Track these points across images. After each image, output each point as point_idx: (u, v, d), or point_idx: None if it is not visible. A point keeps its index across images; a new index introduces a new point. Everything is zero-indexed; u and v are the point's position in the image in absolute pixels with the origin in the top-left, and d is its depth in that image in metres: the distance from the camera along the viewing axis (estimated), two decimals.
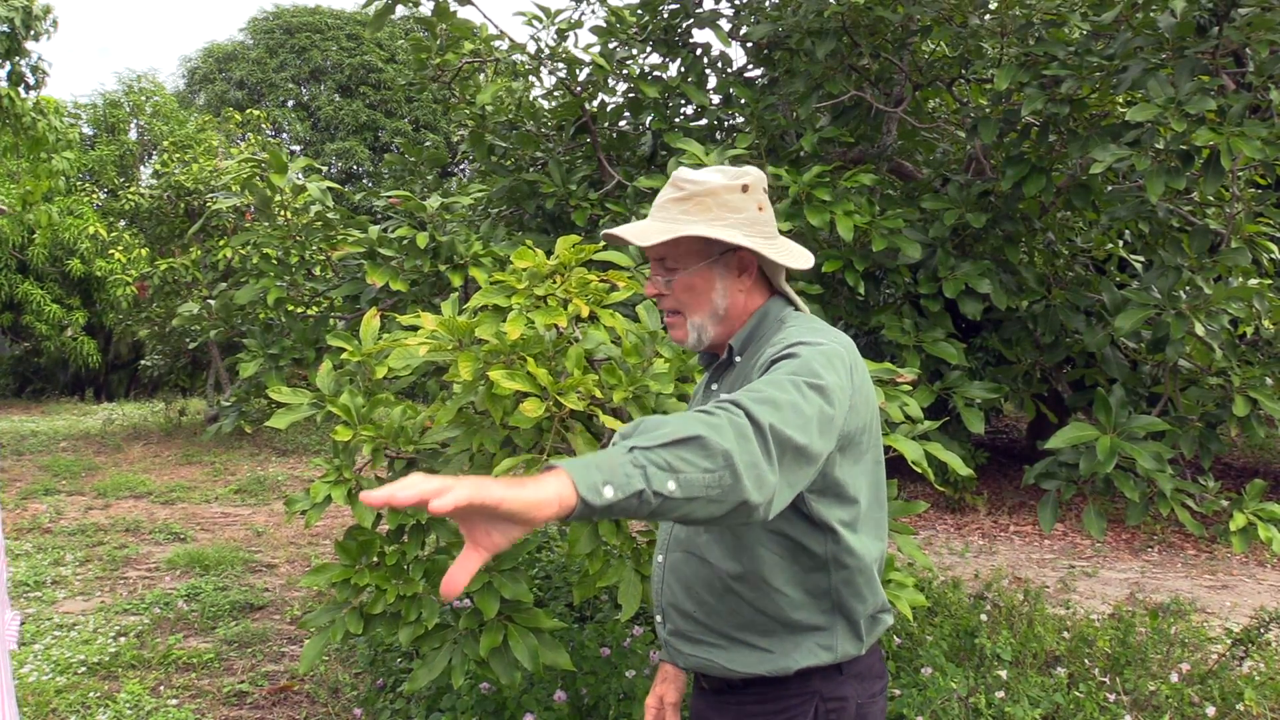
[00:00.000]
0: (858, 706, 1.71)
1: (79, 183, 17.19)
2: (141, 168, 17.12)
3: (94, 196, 17.08)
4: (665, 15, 5.32)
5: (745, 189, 1.73)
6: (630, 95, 5.29)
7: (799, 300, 1.83)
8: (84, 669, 4.50)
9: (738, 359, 1.76)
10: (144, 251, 13.92)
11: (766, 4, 5.46)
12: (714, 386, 1.80)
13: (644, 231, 1.72)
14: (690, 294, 1.76)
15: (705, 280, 1.75)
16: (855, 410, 1.59)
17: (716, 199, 1.71)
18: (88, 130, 18.31)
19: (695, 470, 1.21)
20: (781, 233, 1.84)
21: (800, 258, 1.79)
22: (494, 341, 2.47)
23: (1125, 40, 3.99)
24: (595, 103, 5.14)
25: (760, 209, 1.75)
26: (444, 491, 1.06)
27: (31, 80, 9.42)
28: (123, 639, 4.93)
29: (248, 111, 16.40)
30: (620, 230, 1.76)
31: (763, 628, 1.68)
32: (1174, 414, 3.95)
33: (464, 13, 4.81)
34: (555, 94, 5.53)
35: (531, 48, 4.79)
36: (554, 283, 2.65)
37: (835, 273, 4.14)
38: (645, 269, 3.01)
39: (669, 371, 2.54)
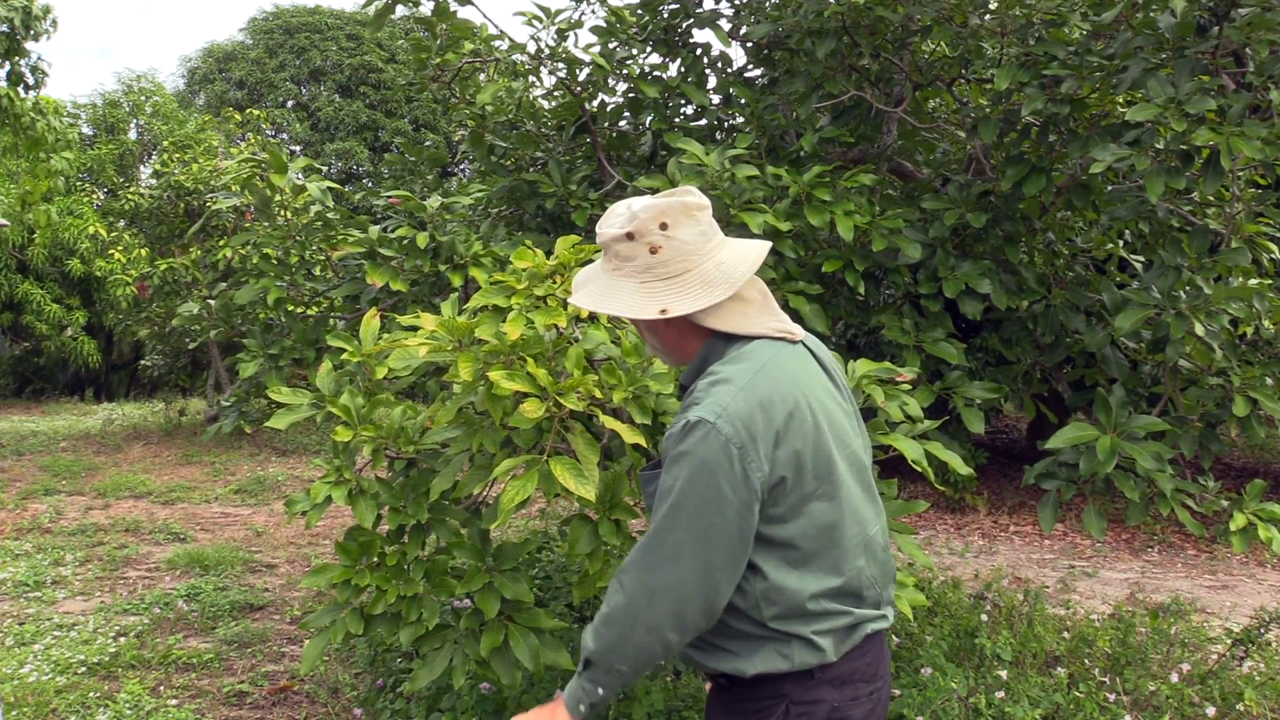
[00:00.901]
0: (832, 709, 1.72)
1: (78, 183, 17.18)
2: (141, 168, 17.11)
3: (94, 196, 17.07)
4: (665, 15, 5.32)
5: (630, 236, 1.71)
6: (630, 95, 5.29)
7: (752, 329, 1.75)
8: (84, 669, 4.50)
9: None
10: (144, 251, 13.90)
11: (766, 4, 5.46)
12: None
13: (574, 295, 1.86)
14: (638, 332, 1.93)
15: (635, 325, 1.89)
16: (776, 463, 1.63)
17: (613, 250, 1.75)
18: (87, 130, 18.29)
19: (612, 679, 1.69)
20: (781, 233, 1.86)
21: (714, 285, 1.70)
22: (494, 342, 2.47)
23: (1125, 40, 3.99)
24: (595, 103, 5.14)
25: (654, 251, 1.70)
26: None
27: (31, 80, 9.42)
28: (123, 639, 4.93)
29: (247, 111, 16.39)
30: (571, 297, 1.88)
31: (726, 633, 1.73)
32: (1174, 414, 3.95)
33: (464, 13, 4.81)
34: (555, 94, 5.53)
35: (531, 48, 4.79)
36: (554, 283, 2.65)
37: (835, 273, 4.14)
38: None
39: (669, 371, 2.55)
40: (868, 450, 1.89)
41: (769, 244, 1.83)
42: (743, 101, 4.94)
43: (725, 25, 5.41)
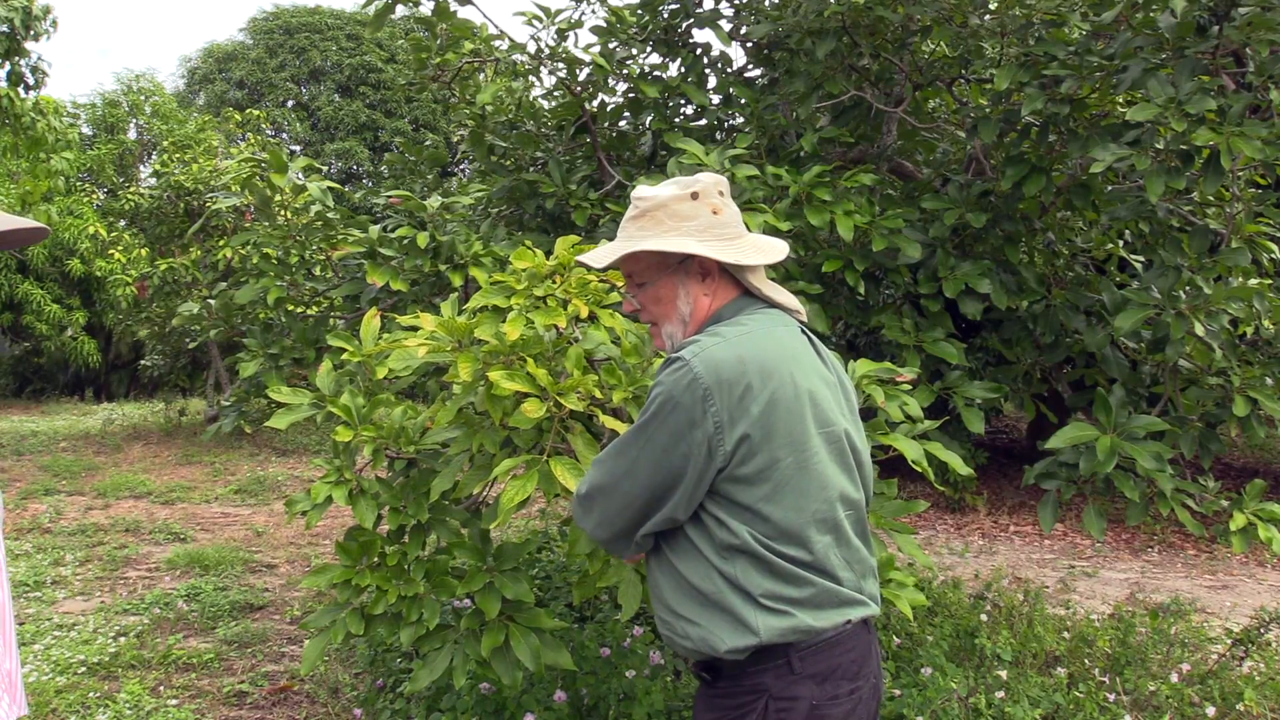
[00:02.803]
0: (812, 707, 1.72)
1: (78, 183, 17.18)
2: (141, 168, 17.10)
3: (94, 196, 17.07)
4: (665, 15, 5.31)
5: (695, 196, 1.85)
6: (630, 95, 5.28)
7: (778, 295, 1.90)
8: (84, 669, 4.50)
9: None
10: (144, 251, 13.90)
11: (766, 4, 5.46)
12: None
13: (597, 256, 1.90)
14: (659, 305, 1.91)
15: (670, 289, 1.89)
16: (740, 415, 1.69)
17: (666, 211, 1.84)
18: (87, 130, 18.28)
19: None
20: (781, 233, 1.91)
21: (766, 252, 1.87)
22: (494, 342, 2.47)
23: (1125, 40, 3.99)
24: (595, 103, 5.13)
25: (715, 212, 1.85)
26: None
27: (31, 80, 9.42)
28: (123, 639, 4.93)
29: (247, 111, 16.39)
30: (584, 255, 1.95)
31: (694, 599, 1.76)
32: (1174, 414, 3.95)
33: (464, 12, 4.80)
34: (555, 94, 5.53)
35: (531, 47, 4.79)
36: (553, 283, 2.65)
37: (835, 273, 4.14)
38: None
39: None
40: (861, 437, 1.92)
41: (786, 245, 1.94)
42: (743, 101, 4.94)
43: (725, 25, 5.41)
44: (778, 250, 1.89)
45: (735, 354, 1.71)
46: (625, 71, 5.12)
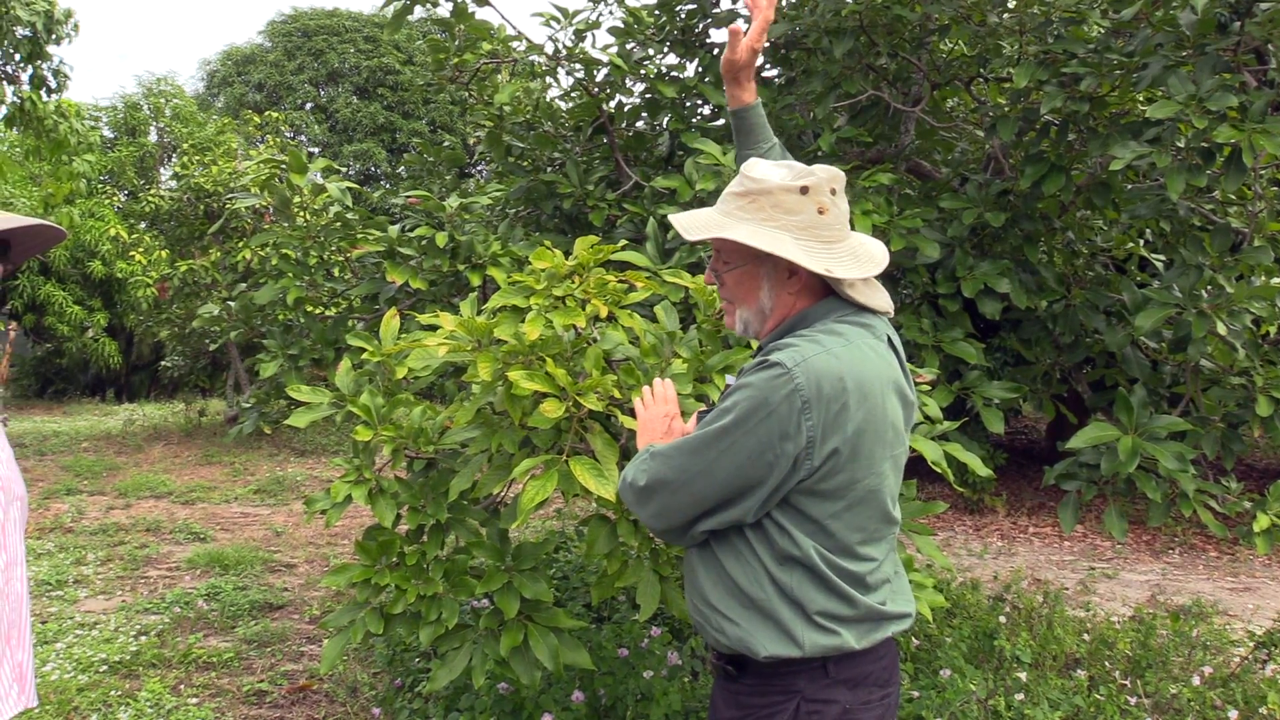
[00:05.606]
0: (844, 711, 1.71)
1: (99, 185, 17.33)
2: (161, 170, 17.22)
3: (114, 199, 17.22)
4: (682, 16, 5.32)
5: (804, 190, 1.73)
6: (647, 95, 5.29)
7: (870, 295, 1.79)
8: (105, 667, 4.53)
9: None
10: (164, 253, 14.01)
11: (783, 3, 5.45)
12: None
13: (688, 225, 1.80)
14: (739, 289, 1.83)
15: (752, 279, 1.80)
16: (834, 431, 1.63)
17: (771, 199, 1.73)
18: (108, 133, 18.43)
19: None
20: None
21: (863, 262, 1.75)
22: (513, 342, 2.48)
23: (1145, 37, 3.97)
24: (613, 103, 5.14)
25: (821, 211, 1.73)
26: None
27: (53, 83, 9.52)
28: (143, 638, 4.97)
29: (266, 114, 16.49)
30: (674, 217, 1.83)
31: (743, 602, 1.72)
32: (1196, 414, 3.92)
33: (482, 13, 4.82)
34: (572, 94, 5.54)
35: (549, 48, 4.80)
36: (572, 283, 2.65)
37: None
38: (664, 270, 3.01)
39: (687, 372, 2.54)
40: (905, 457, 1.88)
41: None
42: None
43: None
44: (875, 261, 1.77)
45: (838, 369, 1.63)
46: (643, 72, 5.13)
